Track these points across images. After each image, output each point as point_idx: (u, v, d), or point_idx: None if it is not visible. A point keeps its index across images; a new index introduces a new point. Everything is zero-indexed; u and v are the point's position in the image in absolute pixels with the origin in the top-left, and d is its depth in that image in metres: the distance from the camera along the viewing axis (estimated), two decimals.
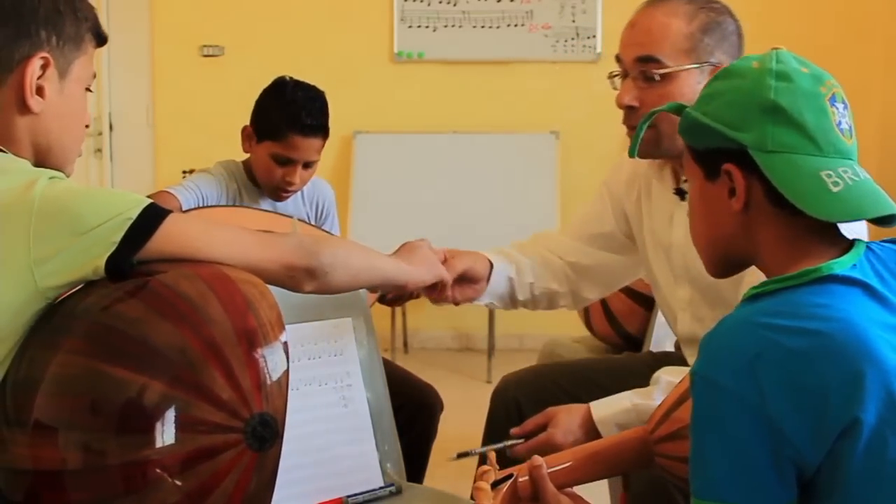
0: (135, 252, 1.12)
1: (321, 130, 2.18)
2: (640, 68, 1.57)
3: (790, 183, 1.01)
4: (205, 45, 4.76)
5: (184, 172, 2.42)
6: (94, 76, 1.31)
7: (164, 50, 4.81)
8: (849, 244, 1.05)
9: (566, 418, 1.50)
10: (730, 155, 1.05)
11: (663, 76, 1.55)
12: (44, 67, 1.21)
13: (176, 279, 1.12)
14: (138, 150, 4.85)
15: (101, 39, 1.29)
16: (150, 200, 1.16)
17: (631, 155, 1.39)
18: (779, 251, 1.05)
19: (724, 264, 1.14)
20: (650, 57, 1.56)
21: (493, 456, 1.24)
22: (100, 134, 4.81)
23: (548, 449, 1.45)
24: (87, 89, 1.30)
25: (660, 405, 1.26)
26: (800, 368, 0.92)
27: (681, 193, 1.65)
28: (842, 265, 1.00)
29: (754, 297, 1.01)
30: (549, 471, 1.18)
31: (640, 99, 1.58)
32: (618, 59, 1.63)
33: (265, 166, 2.20)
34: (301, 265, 1.28)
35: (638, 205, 1.76)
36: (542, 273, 1.84)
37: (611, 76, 1.65)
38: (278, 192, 2.22)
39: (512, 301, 1.83)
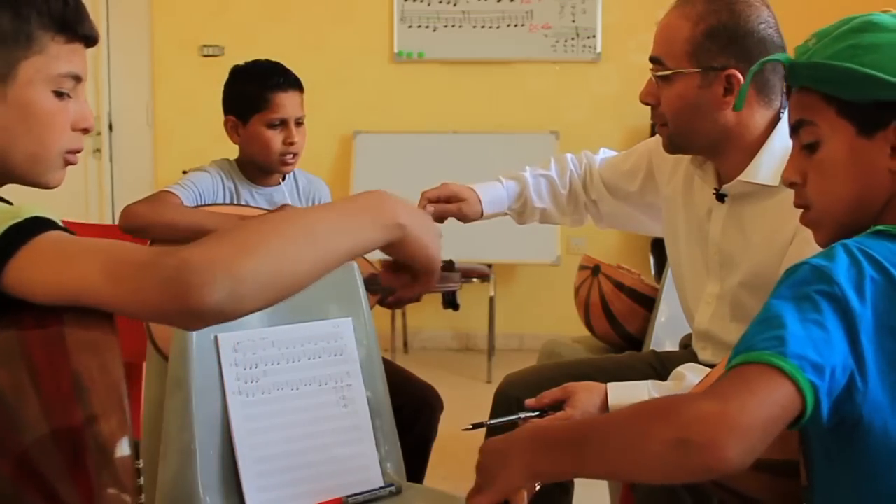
0: None
1: (296, 84, 2.27)
2: (652, 67, 1.62)
3: None
4: (205, 45, 4.76)
5: (184, 172, 2.42)
6: (79, 79, 1.12)
7: (164, 50, 4.80)
8: None
9: (586, 398, 1.47)
10: None
11: (665, 77, 1.58)
12: None
13: None
14: (138, 150, 4.85)
15: (72, 34, 1.10)
16: (34, 214, 0.96)
17: (736, 108, 1.40)
18: None
19: (849, 230, 1.09)
20: (655, 58, 1.61)
21: None
22: (99, 134, 4.81)
23: None
24: (61, 93, 1.11)
25: None
26: None
27: (720, 197, 1.66)
28: None
29: (882, 233, 1.01)
30: None
31: (656, 96, 1.62)
32: None
33: (262, 141, 2.22)
34: (173, 309, 0.88)
35: (678, 192, 1.78)
36: (553, 213, 2.02)
37: None
38: (284, 159, 2.24)
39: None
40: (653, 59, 1.62)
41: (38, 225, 0.95)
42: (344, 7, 4.76)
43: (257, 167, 2.26)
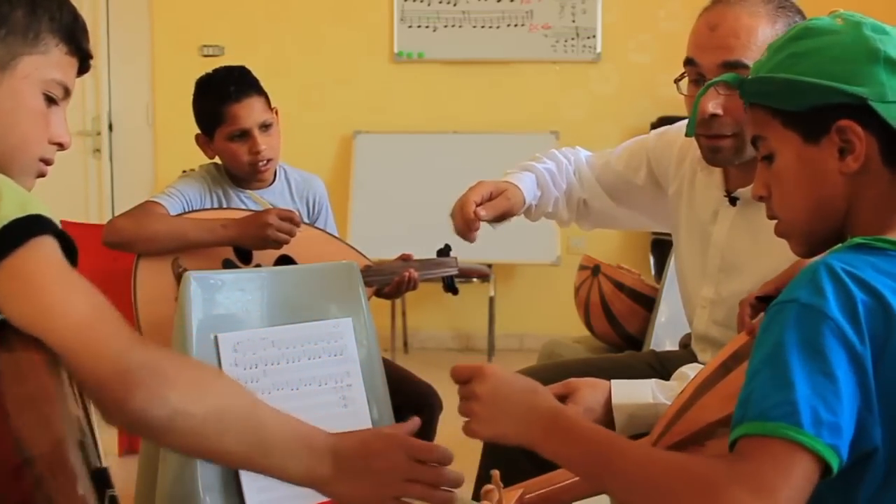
0: None
1: (251, 89, 2.20)
2: (718, 75, 1.47)
3: None
4: (205, 45, 4.76)
5: (184, 172, 2.42)
6: (67, 91, 1.14)
7: (164, 50, 4.80)
8: None
9: (590, 395, 1.44)
10: (842, 111, 1.00)
11: None
12: None
13: None
14: (138, 150, 4.85)
15: (75, 48, 1.14)
16: (37, 212, 0.95)
17: (688, 134, 1.32)
18: (872, 217, 1.02)
19: (819, 238, 1.08)
20: (739, 62, 1.48)
21: (496, 475, 1.21)
22: (99, 134, 4.81)
23: None
24: (51, 100, 1.13)
25: (661, 418, 1.25)
26: (894, 329, 0.91)
27: (732, 200, 1.62)
28: None
29: (860, 246, 0.99)
30: (554, 487, 1.18)
31: (724, 106, 1.52)
32: (690, 62, 1.55)
33: (230, 154, 2.20)
34: (108, 396, 0.92)
35: (682, 191, 1.75)
36: (560, 204, 1.93)
37: (678, 80, 1.59)
38: (255, 168, 2.20)
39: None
40: (730, 65, 1.48)
41: (40, 225, 0.95)
42: (344, 7, 4.76)
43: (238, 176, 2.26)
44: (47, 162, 1.16)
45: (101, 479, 0.91)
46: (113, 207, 4.73)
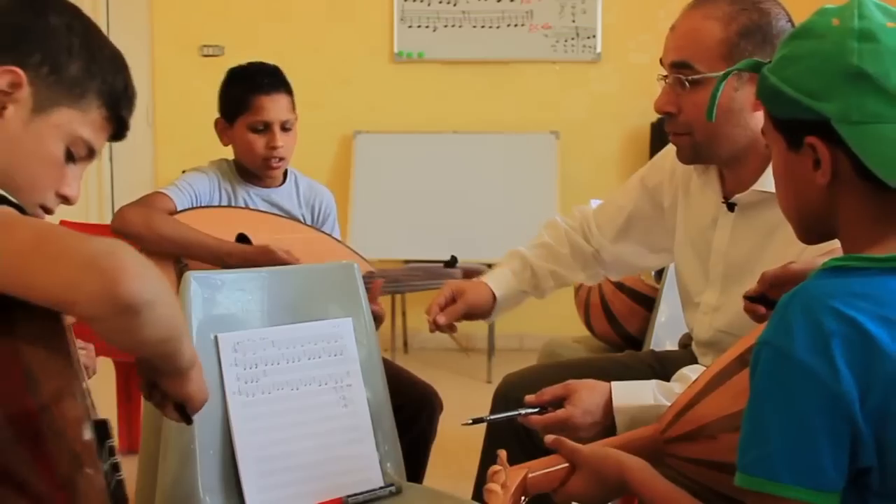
0: None
1: (282, 86, 2.24)
2: (675, 74, 1.53)
3: (877, 156, 0.95)
4: (205, 45, 4.76)
5: (184, 172, 2.42)
6: (92, 152, 1.14)
7: (164, 50, 4.80)
8: None
9: (588, 397, 1.45)
10: (812, 126, 0.98)
11: (696, 82, 1.50)
12: (14, 86, 1.05)
13: None
14: (138, 150, 4.85)
15: (114, 116, 1.14)
16: None
17: (709, 118, 1.30)
18: (859, 228, 1.00)
19: (814, 233, 1.08)
20: (683, 62, 1.52)
21: (503, 455, 1.21)
22: None
23: (565, 428, 1.43)
24: (71, 157, 1.12)
25: (671, 406, 1.25)
26: (877, 355, 0.89)
27: (731, 207, 1.61)
28: None
29: (835, 269, 0.96)
30: (556, 468, 1.18)
31: (678, 105, 1.54)
32: (661, 62, 1.59)
33: (246, 144, 2.21)
34: (93, 288, 0.87)
35: (676, 196, 1.74)
36: (564, 273, 1.89)
37: (659, 78, 1.60)
38: (267, 164, 2.22)
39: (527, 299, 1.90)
40: (677, 65, 1.52)
41: None
42: (344, 7, 4.76)
43: (248, 169, 2.27)
44: (47, 210, 1.14)
45: (101, 429, 0.94)
46: (113, 207, 4.73)
